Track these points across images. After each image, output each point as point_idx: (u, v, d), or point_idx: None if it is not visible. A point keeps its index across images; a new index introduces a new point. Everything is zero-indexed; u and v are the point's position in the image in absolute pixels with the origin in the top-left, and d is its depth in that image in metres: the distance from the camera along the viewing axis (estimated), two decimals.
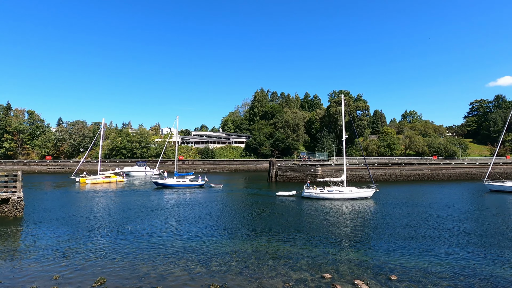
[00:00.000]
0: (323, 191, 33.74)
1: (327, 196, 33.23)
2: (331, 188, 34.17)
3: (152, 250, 15.56)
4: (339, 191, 33.69)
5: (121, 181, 53.38)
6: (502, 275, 12.54)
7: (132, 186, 46.59)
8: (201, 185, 45.37)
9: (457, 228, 20.56)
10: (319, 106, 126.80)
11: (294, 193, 35.82)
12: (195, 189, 42.53)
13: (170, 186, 44.26)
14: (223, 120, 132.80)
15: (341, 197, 33.23)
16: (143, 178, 63.56)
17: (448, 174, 60.06)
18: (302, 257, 14.59)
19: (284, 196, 35.38)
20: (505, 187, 39.79)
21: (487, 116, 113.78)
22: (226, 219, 23.26)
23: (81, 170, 56.91)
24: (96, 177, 50.78)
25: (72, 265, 13.49)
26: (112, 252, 15.32)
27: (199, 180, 45.76)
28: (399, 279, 11.99)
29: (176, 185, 44.54)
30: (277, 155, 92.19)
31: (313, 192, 33.92)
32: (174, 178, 45.95)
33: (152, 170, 73.04)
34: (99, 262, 13.90)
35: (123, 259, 14.31)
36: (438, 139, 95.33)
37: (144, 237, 18.13)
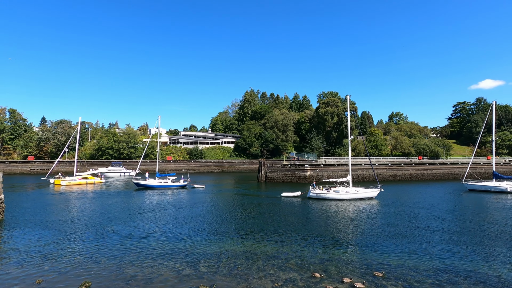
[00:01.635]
0: (329, 191, 33.43)
1: (334, 197, 32.89)
2: (338, 188, 33.88)
3: (139, 252, 15.29)
4: (346, 191, 33.40)
5: (99, 182, 51.44)
6: (481, 270, 12.96)
7: (111, 188, 45.24)
8: (184, 186, 44.78)
9: (438, 226, 21.12)
10: (308, 107, 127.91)
11: (299, 193, 35.51)
12: (177, 190, 41.82)
13: (151, 187, 43.37)
14: (213, 120, 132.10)
15: (348, 198, 32.95)
16: (120, 179, 61.59)
17: (433, 174, 61.68)
18: (292, 257, 14.66)
19: (289, 196, 34.95)
20: (481, 186, 41.34)
21: (470, 118, 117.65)
22: (214, 220, 23.11)
23: (56, 171, 54.86)
24: (72, 179, 48.73)
25: (55, 268, 13.10)
26: (97, 254, 14.97)
27: (182, 181, 45.13)
28: (386, 277, 12.22)
29: (157, 186, 43.73)
30: (267, 155, 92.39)
31: (319, 192, 33.56)
32: (155, 179, 45.08)
33: (129, 171, 71.64)
34: (83, 265, 13.55)
35: (109, 261, 14.00)
36: (423, 140, 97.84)
37: (129, 239, 17.78)
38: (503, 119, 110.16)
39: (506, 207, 29.21)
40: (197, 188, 44.39)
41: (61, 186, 45.98)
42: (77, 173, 52.11)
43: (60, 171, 54.20)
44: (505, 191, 39.25)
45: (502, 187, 39.70)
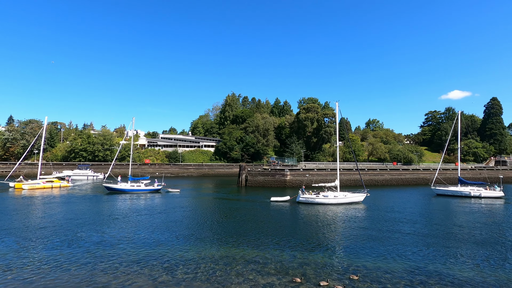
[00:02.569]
0: (318, 196, 33.92)
1: (323, 201, 33.32)
2: (326, 193, 34.46)
3: (112, 259, 14.67)
4: (334, 196, 34.09)
5: (66, 186, 48.70)
6: (450, 271, 13.62)
7: (79, 192, 43.02)
8: (158, 190, 43.63)
9: (410, 229, 22.01)
10: (289, 112, 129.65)
11: (288, 198, 35.72)
12: (150, 194, 40.66)
13: (123, 191, 41.90)
14: (193, 123, 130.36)
15: (336, 202, 33.56)
16: (88, 182, 58.91)
17: (406, 179, 64.32)
18: (271, 261, 14.66)
19: (278, 201, 34.95)
20: (448, 191, 43.72)
21: (440, 126, 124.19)
22: (193, 225, 22.69)
23: (17, 174, 51.49)
24: (35, 182, 45.75)
25: (20, 278, 12.27)
26: (67, 262, 14.20)
27: (155, 184, 44.00)
28: (361, 280, 12.51)
29: (130, 190, 42.33)
30: (247, 159, 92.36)
31: (308, 197, 33.88)
32: (128, 182, 43.57)
33: (97, 174, 68.95)
34: (52, 274, 12.80)
35: (80, 269, 13.33)
36: (397, 146, 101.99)
37: (101, 245, 17.02)
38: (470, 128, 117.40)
39: (470, 211, 30.98)
40: (172, 192, 43.34)
41: (23, 190, 43.01)
42: (41, 176, 49.14)
43: (22, 174, 50.89)
44: (469, 195, 41.64)
45: (467, 191, 42.12)
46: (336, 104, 40.25)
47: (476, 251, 16.82)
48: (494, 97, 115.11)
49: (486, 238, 19.70)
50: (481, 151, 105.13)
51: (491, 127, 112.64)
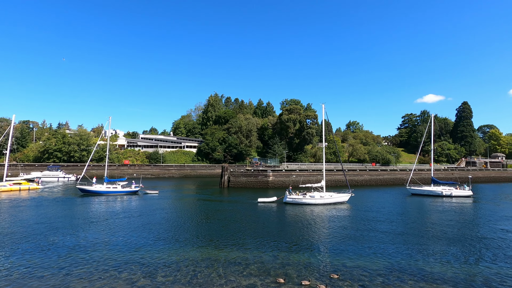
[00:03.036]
0: (305, 196, 34.25)
1: (309, 202, 33.66)
2: (313, 193, 34.93)
3: (88, 264, 14.10)
4: (320, 196, 34.49)
5: (35, 188, 46.28)
6: (424, 267, 14.18)
7: (50, 194, 40.87)
8: (135, 191, 42.31)
9: (387, 228, 22.75)
10: (272, 114, 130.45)
11: (275, 199, 35.73)
12: (127, 197, 39.30)
13: (98, 193, 40.31)
14: (175, 124, 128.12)
15: (322, 202, 33.98)
16: (59, 184, 56.44)
17: (384, 179, 66.45)
18: (253, 262, 14.64)
19: (265, 202, 34.85)
20: (422, 190, 45.64)
21: (415, 129, 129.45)
22: (173, 227, 22.25)
23: None
24: (0, 184, 43.19)
25: None
26: (39, 268, 13.49)
27: (133, 186, 42.66)
28: (341, 278, 12.77)
29: (105, 192, 40.80)
30: (230, 160, 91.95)
31: (295, 197, 34.11)
32: (103, 184, 41.98)
33: (69, 176, 66.29)
34: (23, 281, 12.12)
35: (53, 276, 12.70)
36: (376, 147, 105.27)
37: (76, 250, 16.32)
38: (443, 130, 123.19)
39: (442, 209, 32.46)
40: (150, 194, 42.25)
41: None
42: (8, 178, 46.41)
43: None
44: (441, 194, 43.66)
45: (439, 191, 44.15)
46: (322, 106, 40.97)
47: (447, 248, 17.63)
48: (465, 101, 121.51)
49: (456, 235, 20.70)
50: (453, 152, 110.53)
51: (462, 129, 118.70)
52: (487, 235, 20.91)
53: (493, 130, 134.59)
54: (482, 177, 79.02)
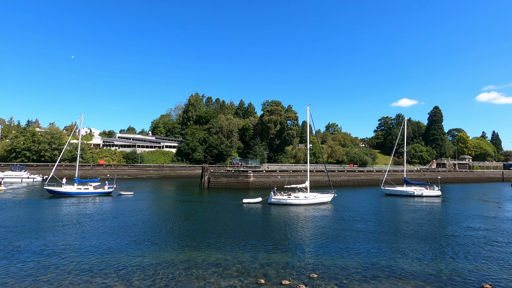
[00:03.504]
0: (290, 197, 34.47)
1: (294, 202, 33.98)
2: (297, 194, 35.34)
3: (58, 269, 13.39)
4: (305, 196, 34.93)
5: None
6: (398, 264, 14.74)
7: (15, 196, 38.44)
8: (108, 193, 40.69)
9: (363, 227, 23.44)
10: (253, 114, 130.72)
11: (260, 200, 35.59)
12: (100, 198, 37.63)
13: (68, 195, 38.42)
14: (154, 123, 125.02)
15: (306, 203, 34.37)
16: (23, 185, 53.32)
17: (362, 180, 68.50)
18: (233, 263, 14.54)
19: (250, 203, 34.63)
20: (395, 191, 47.48)
21: (391, 131, 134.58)
22: (150, 229, 21.66)
23: None
24: None
25: None
26: (3, 275, 12.63)
27: (106, 187, 40.93)
28: (320, 277, 12.97)
29: (76, 193, 38.93)
30: (210, 161, 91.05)
31: (280, 198, 34.25)
32: (74, 185, 40.08)
33: (34, 176, 62.80)
34: None
35: (20, 282, 11.93)
36: (354, 149, 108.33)
37: (45, 255, 15.44)
38: (416, 133, 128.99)
39: (414, 209, 33.88)
40: (125, 195, 40.76)
41: None
42: None
43: None
44: (412, 194, 45.67)
45: (410, 191, 46.16)
46: (307, 108, 41.50)
47: (418, 246, 18.42)
48: (436, 106, 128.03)
49: (427, 234, 21.68)
50: (425, 154, 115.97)
51: (433, 133, 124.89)
52: (455, 233, 22.08)
53: (461, 133, 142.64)
54: (451, 178, 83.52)
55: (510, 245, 18.82)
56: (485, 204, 39.18)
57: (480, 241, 19.68)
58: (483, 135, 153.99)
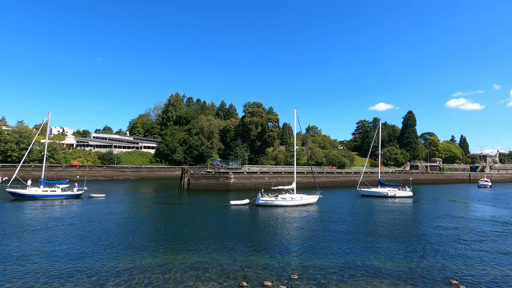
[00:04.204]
0: (277, 198, 34.77)
1: (281, 203, 34.31)
2: (284, 195, 35.59)
3: (25, 277, 12.61)
4: (291, 198, 35.37)
5: None
6: (373, 263, 15.21)
7: None
8: (78, 195, 38.74)
9: (340, 227, 24.01)
10: (234, 116, 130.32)
11: (247, 201, 35.47)
12: (68, 201, 35.46)
13: (33, 197, 36.05)
14: (132, 123, 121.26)
15: (293, 204, 34.85)
16: None
17: (340, 181, 70.14)
18: (212, 266, 14.36)
19: (238, 205, 34.43)
20: (369, 192, 49.08)
21: (368, 134, 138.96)
22: (126, 233, 20.93)
23: None
24: None
25: None
26: None
27: (75, 189, 38.99)
28: (300, 278, 13.10)
29: (41, 195, 36.62)
30: (190, 162, 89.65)
31: (268, 199, 34.45)
32: (40, 187, 37.76)
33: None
34: None
35: None
36: (333, 151, 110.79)
37: (9, 261, 14.52)
38: (391, 136, 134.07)
39: (387, 209, 35.06)
40: (96, 197, 38.85)
41: None
42: None
43: None
44: (386, 195, 47.40)
45: (384, 192, 47.90)
46: (294, 111, 42.01)
47: (392, 245, 19.11)
48: (410, 111, 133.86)
49: (400, 233, 22.56)
50: (400, 157, 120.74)
51: (407, 136, 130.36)
52: (426, 232, 23.13)
53: (433, 137, 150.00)
54: (424, 179, 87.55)
55: (476, 243, 19.99)
56: (454, 204, 41.38)
57: (448, 239, 20.73)
58: (452, 139, 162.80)
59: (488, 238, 21.23)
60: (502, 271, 14.55)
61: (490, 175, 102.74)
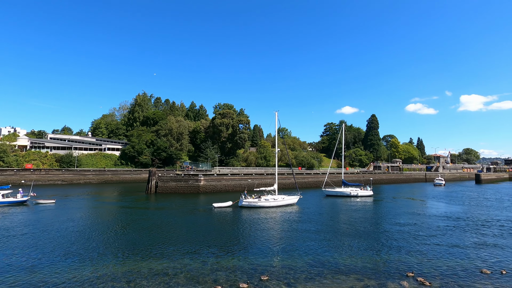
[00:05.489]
0: (260, 199, 35.19)
1: (264, 204, 34.86)
2: (267, 196, 36.12)
3: None
4: (274, 199, 36.07)
5: None
6: (338, 260, 15.84)
7: None
8: (23, 201, 35.47)
9: (308, 227, 24.70)
10: (205, 117, 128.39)
11: (230, 203, 35.28)
12: (11, 208, 32.23)
13: None
14: (94, 123, 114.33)
15: (275, 205, 35.57)
16: None
17: (309, 182, 72.07)
18: (181, 271, 13.99)
19: (221, 207, 34.04)
20: (333, 192, 51.03)
21: (335, 136, 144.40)
22: (86, 241, 19.65)
23: None
24: None
25: None
26: None
27: (19, 195, 35.61)
28: (270, 278, 13.23)
29: None
30: (159, 164, 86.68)
31: (251, 201, 34.77)
32: None
33: None
34: None
35: None
36: (302, 153, 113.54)
37: None
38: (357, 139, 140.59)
39: (350, 208, 36.66)
40: (44, 204, 35.45)
41: None
42: None
43: None
44: (349, 195, 49.61)
45: (347, 192, 50.10)
46: (276, 114, 42.37)
47: (355, 242, 20.07)
48: (374, 114, 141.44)
49: (362, 231, 23.76)
50: (364, 158, 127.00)
51: (371, 138, 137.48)
52: (386, 229, 24.57)
53: (394, 139, 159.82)
54: (386, 179, 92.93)
55: (430, 237, 21.63)
56: (412, 202, 44.44)
57: (406, 235, 22.21)
58: (410, 141, 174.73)
59: (441, 233, 23.07)
60: (452, 262, 15.91)
61: (443, 174, 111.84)
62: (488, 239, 21.13)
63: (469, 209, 36.90)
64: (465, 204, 41.37)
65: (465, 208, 37.76)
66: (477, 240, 20.95)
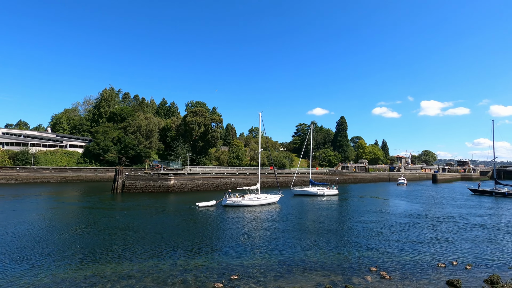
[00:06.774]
0: (244, 198, 35.75)
1: (247, 203, 35.41)
2: (251, 196, 36.85)
3: None
4: (257, 198, 36.78)
5: None
6: (306, 257, 16.27)
7: None
8: None
9: (276, 226, 25.08)
10: (176, 115, 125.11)
11: (214, 202, 35.40)
12: None
13: None
14: (55, 118, 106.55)
15: (258, 203, 36.29)
16: None
17: (280, 181, 72.94)
18: (148, 273, 13.51)
19: (205, 206, 33.76)
20: (301, 191, 52.32)
21: (306, 137, 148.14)
22: (41, 244, 18.28)
23: None
24: None
25: None
26: None
27: None
28: (241, 277, 13.22)
29: None
30: (126, 162, 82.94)
31: (235, 200, 35.18)
32: None
33: None
34: None
35: None
36: (274, 153, 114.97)
37: None
38: (326, 139, 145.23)
39: (317, 207, 37.66)
40: None
41: None
42: None
43: None
44: (316, 194, 51.16)
45: (314, 191, 51.63)
46: (259, 115, 42.39)
47: (322, 240, 20.75)
48: (342, 116, 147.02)
49: (328, 228, 24.63)
50: (333, 158, 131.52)
51: (340, 139, 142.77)
52: (351, 226, 25.68)
53: (361, 141, 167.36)
54: (353, 178, 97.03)
55: (392, 234, 22.95)
56: (377, 200, 46.84)
57: (369, 232, 23.37)
58: (376, 142, 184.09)
59: (401, 229, 24.57)
60: (412, 256, 17.01)
61: (404, 174, 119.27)
62: (443, 235, 22.89)
63: (428, 207, 39.68)
64: (424, 203, 44.40)
65: (424, 206, 40.55)
66: (434, 235, 22.60)
